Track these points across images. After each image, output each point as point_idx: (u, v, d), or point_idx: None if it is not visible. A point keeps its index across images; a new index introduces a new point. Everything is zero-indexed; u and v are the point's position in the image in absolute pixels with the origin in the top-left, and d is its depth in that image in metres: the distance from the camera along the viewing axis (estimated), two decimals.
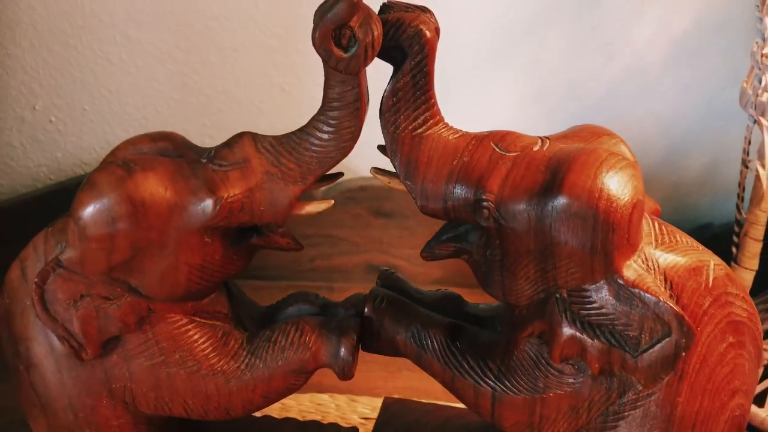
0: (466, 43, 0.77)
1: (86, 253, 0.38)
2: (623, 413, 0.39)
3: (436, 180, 0.37)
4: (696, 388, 0.38)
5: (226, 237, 0.39)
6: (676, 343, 0.35)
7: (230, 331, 0.43)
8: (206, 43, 0.78)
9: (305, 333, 0.42)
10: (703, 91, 0.80)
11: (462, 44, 0.77)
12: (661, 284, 0.36)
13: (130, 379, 0.40)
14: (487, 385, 0.41)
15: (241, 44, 0.78)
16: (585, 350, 0.37)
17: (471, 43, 0.77)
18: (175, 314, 0.40)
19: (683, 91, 0.80)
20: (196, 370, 0.41)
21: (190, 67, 0.79)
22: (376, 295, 0.44)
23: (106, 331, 0.39)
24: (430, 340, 0.42)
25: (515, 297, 0.39)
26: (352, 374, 0.42)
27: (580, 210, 0.35)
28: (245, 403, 0.42)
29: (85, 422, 0.41)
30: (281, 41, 0.78)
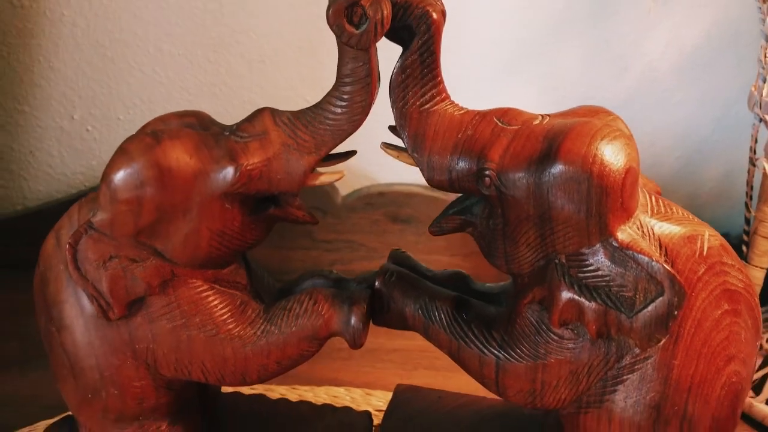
0: (483, 57, 0.80)
1: (116, 216, 0.41)
2: (621, 377, 0.40)
3: (442, 152, 0.40)
4: (691, 352, 0.39)
5: (245, 205, 0.42)
6: (669, 302, 0.37)
7: (248, 301, 0.45)
8: (235, 55, 0.82)
9: (318, 301, 0.44)
10: (716, 103, 0.81)
11: (479, 58, 0.80)
12: (656, 249, 0.38)
13: (153, 340, 0.43)
14: (491, 354, 0.42)
15: (268, 57, 0.82)
16: (583, 312, 0.38)
17: (488, 57, 0.80)
18: (197, 280, 0.43)
19: (696, 103, 0.81)
20: (214, 333, 0.43)
21: (219, 78, 0.83)
22: (387, 269, 0.46)
23: (132, 291, 0.41)
24: (437, 312, 0.44)
25: (517, 265, 0.41)
26: (362, 342, 0.44)
27: (574, 175, 0.37)
28: (260, 369, 0.44)
29: (110, 381, 0.44)
30: (306, 54, 0.82)
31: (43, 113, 0.86)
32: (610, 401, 0.40)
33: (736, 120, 0.81)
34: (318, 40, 0.81)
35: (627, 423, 0.40)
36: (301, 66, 0.82)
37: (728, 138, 0.83)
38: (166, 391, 0.46)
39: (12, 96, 0.87)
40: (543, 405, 0.42)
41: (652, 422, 0.40)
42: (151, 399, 0.45)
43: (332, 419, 0.55)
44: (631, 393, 0.40)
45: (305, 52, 0.82)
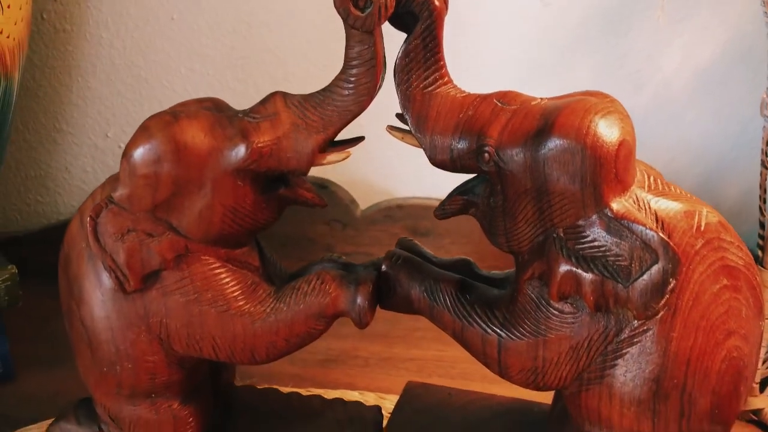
0: (498, 74, 0.82)
1: (134, 190, 0.43)
2: (621, 351, 0.40)
3: (444, 132, 0.41)
4: (690, 324, 0.39)
5: (256, 184, 0.44)
6: (664, 269, 0.37)
7: (259, 283, 0.47)
8: (261, 74, 0.86)
9: (326, 281, 0.45)
10: (732, 120, 0.82)
11: (494, 75, 0.82)
12: (652, 222, 0.39)
13: (166, 314, 0.45)
14: (494, 333, 0.43)
15: (292, 75, 0.85)
16: (580, 284, 0.39)
17: (503, 74, 0.83)
18: (210, 257, 0.45)
19: (713, 119, 0.82)
20: (225, 309, 0.45)
21: (246, 97, 0.86)
22: (394, 253, 0.47)
23: (148, 264, 0.43)
24: (441, 294, 0.45)
25: (517, 241, 0.42)
26: (367, 320, 0.45)
27: (569, 147, 0.38)
28: (269, 346, 0.46)
29: (125, 355, 0.45)
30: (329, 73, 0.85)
31: (79, 131, 0.90)
32: (610, 376, 0.41)
33: (754, 136, 0.81)
34: (340, 58, 0.84)
35: (627, 398, 0.40)
36: (325, 83, 0.86)
37: (747, 155, 0.83)
38: (178, 368, 0.47)
39: (52, 115, 0.92)
40: (545, 383, 0.43)
41: (651, 396, 0.40)
42: (163, 375, 0.47)
43: (342, 413, 0.56)
44: (631, 367, 0.40)
45: (328, 70, 0.85)
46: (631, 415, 0.41)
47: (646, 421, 0.41)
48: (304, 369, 0.76)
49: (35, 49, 0.86)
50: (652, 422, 0.40)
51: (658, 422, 0.40)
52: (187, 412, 0.49)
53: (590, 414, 0.42)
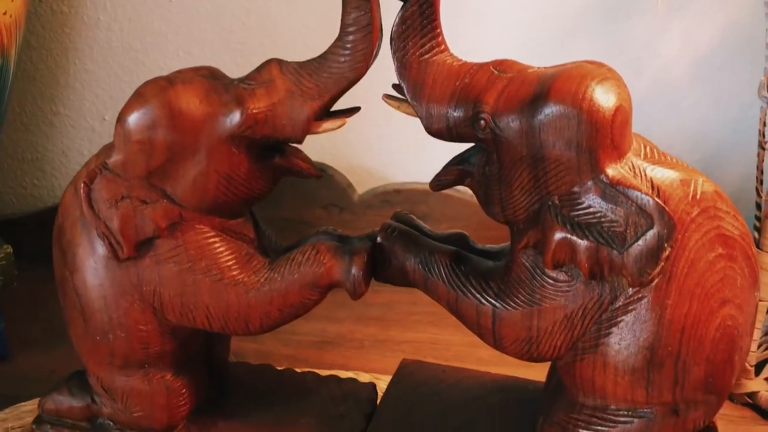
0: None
1: (129, 156, 0.43)
2: (615, 320, 0.40)
3: (440, 100, 0.41)
4: (684, 292, 0.39)
5: (251, 151, 0.44)
6: (659, 234, 0.37)
7: (254, 254, 0.46)
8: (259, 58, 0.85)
9: (321, 252, 0.45)
10: (732, 106, 0.82)
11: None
12: (648, 188, 0.38)
13: (160, 282, 0.44)
14: (488, 303, 0.43)
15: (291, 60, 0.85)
16: (575, 251, 0.39)
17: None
18: (205, 226, 0.45)
19: (712, 105, 0.82)
20: (219, 278, 0.44)
21: None
22: (389, 225, 0.47)
23: (142, 231, 0.43)
24: (436, 265, 0.45)
25: (513, 210, 0.42)
26: (362, 291, 0.45)
27: (565, 112, 0.38)
28: (262, 316, 0.45)
29: (117, 324, 0.45)
30: None
31: (76, 114, 0.90)
32: (604, 345, 0.40)
33: (753, 123, 0.81)
34: None
35: (621, 366, 0.40)
36: None
37: (745, 141, 0.82)
38: (171, 338, 0.47)
39: (49, 98, 0.91)
40: (539, 354, 0.42)
41: (646, 364, 0.40)
42: (156, 345, 0.46)
43: (337, 389, 0.56)
44: (625, 335, 0.40)
45: None
46: (625, 384, 0.40)
47: (640, 389, 0.40)
48: (298, 350, 0.76)
49: (32, 30, 0.86)
50: (646, 391, 0.40)
51: (651, 391, 0.40)
52: (180, 383, 0.49)
53: (584, 384, 0.42)
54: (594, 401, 0.42)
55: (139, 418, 0.49)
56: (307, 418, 0.52)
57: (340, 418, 0.52)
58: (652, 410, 0.41)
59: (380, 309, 0.85)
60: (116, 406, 0.49)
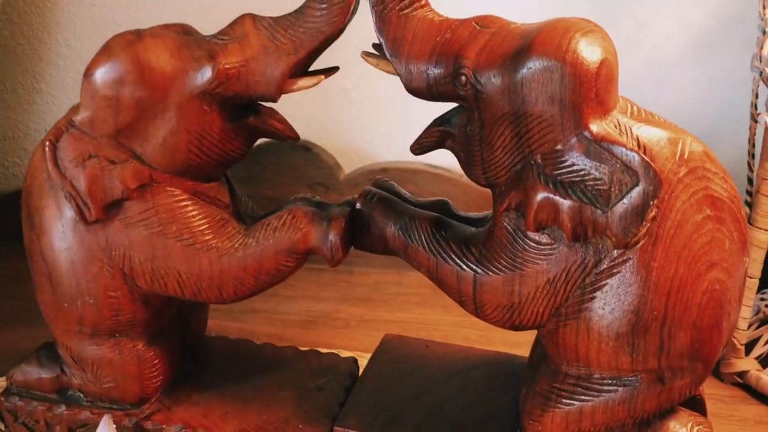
0: None
1: (96, 112, 0.41)
2: (599, 283, 0.38)
3: (420, 56, 0.40)
4: (671, 254, 0.37)
5: (224, 110, 0.42)
6: (644, 191, 0.36)
7: (229, 220, 0.45)
8: None
9: (297, 216, 0.44)
10: (724, 85, 0.80)
11: None
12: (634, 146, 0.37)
13: (129, 246, 0.43)
14: (469, 269, 0.41)
15: None
16: (558, 211, 0.37)
17: None
18: (176, 188, 0.43)
19: (704, 84, 0.80)
20: (191, 243, 0.43)
21: None
22: (369, 191, 0.46)
23: (110, 192, 0.42)
24: (416, 231, 0.43)
25: (494, 172, 0.40)
26: (339, 257, 0.44)
27: (548, 65, 0.36)
28: (236, 283, 0.44)
29: (86, 290, 0.44)
30: None
31: (58, 91, 0.88)
32: (588, 310, 0.39)
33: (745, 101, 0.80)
34: None
35: (605, 332, 0.39)
36: None
37: (738, 119, 0.81)
38: (143, 306, 0.45)
39: (31, 74, 0.90)
40: (521, 321, 0.41)
41: (630, 329, 0.38)
42: (127, 312, 0.45)
43: (317, 363, 0.54)
44: (610, 299, 0.38)
45: None
46: (609, 351, 0.39)
47: (624, 355, 0.39)
48: (282, 329, 0.74)
49: (13, 4, 0.84)
50: (631, 357, 0.39)
51: (636, 357, 0.39)
52: (152, 353, 0.47)
53: (567, 352, 0.41)
54: (578, 370, 0.41)
55: (110, 389, 0.47)
56: (285, 391, 0.51)
57: (318, 390, 0.51)
58: (636, 378, 0.40)
59: (366, 289, 0.83)
60: (86, 377, 0.47)
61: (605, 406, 0.40)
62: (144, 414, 0.48)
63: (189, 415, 0.48)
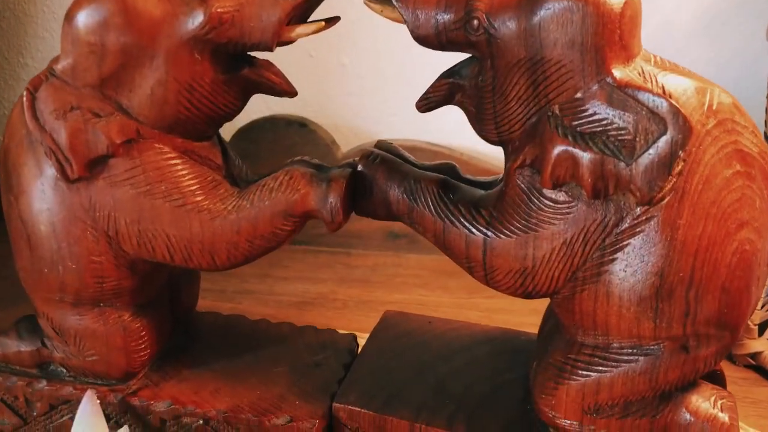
0: None
1: (78, 59, 0.38)
2: (621, 244, 0.36)
3: (428, 0, 0.37)
4: (699, 211, 0.35)
5: (216, 59, 0.39)
6: (672, 139, 0.33)
7: (221, 181, 0.42)
8: None
9: (295, 177, 0.41)
10: (734, 62, 0.78)
11: None
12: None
13: (115, 207, 0.40)
14: (478, 233, 0.39)
15: None
16: (577, 165, 0.35)
17: None
18: (165, 145, 0.40)
19: (713, 61, 0.78)
20: (180, 204, 0.40)
21: None
22: (371, 153, 0.43)
23: (94, 148, 0.39)
24: (422, 193, 0.41)
25: (508, 126, 0.37)
26: (340, 220, 0.41)
27: (568, 4, 0.34)
28: (230, 247, 0.41)
29: (68, 254, 0.41)
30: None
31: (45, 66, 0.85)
32: (607, 273, 0.36)
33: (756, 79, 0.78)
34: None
35: (626, 296, 0.36)
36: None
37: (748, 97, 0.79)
38: (129, 273, 0.42)
39: (16, 49, 0.86)
40: (535, 287, 0.38)
41: (654, 292, 0.36)
42: (112, 279, 0.42)
43: (314, 339, 0.52)
44: (632, 261, 0.36)
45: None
46: (630, 317, 0.36)
47: (647, 321, 0.36)
48: (277, 310, 0.71)
49: None
50: (654, 323, 0.36)
51: (660, 323, 0.36)
52: (139, 325, 0.44)
53: (584, 319, 0.38)
54: (595, 339, 0.38)
55: (94, 363, 0.44)
56: (280, 366, 0.48)
57: (316, 366, 0.48)
58: (659, 346, 0.37)
59: (364, 271, 0.81)
60: (69, 350, 0.44)
61: (625, 377, 0.38)
62: (130, 390, 0.45)
63: (178, 391, 0.45)
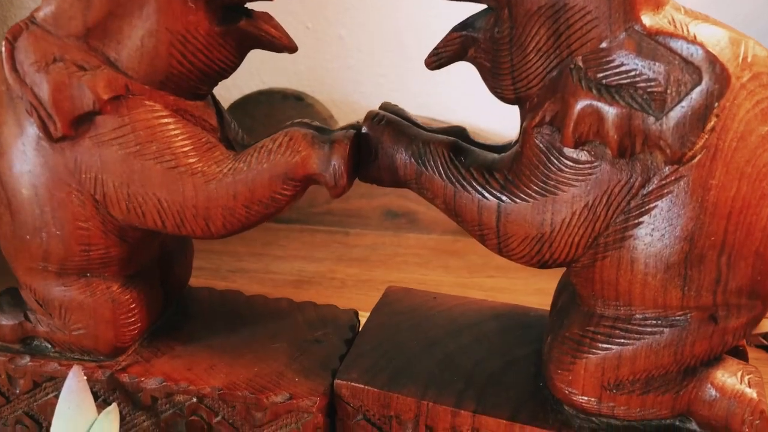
0: None
1: (62, 6, 0.35)
2: (647, 206, 0.33)
3: None
4: (732, 170, 0.32)
5: (211, 8, 0.36)
6: (708, 90, 0.31)
7: (216, 144, 0.39)
8: None
9: (295, 138, 0.38)
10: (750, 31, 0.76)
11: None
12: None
13: (102, 168, 0.37)
14: (492, 197, 0.36)
15: None
16: (602, 121, 0.32)
17: None
18: (156, 103, 0.37)
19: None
20: (173, 166, 0.37)
21: None
22: (375, 114, 0.40)
23: (79, 104, 0.36)
24: (432, 156, 0.38)
25: (526, 80, 0.35)
26: (343, 185, 0.38)
27: None
28: (225, 213, 0.38)
29: (51, 219, 0.38)
30: None
31: None
32: (632, 239, 0.34)
33: None
34: None
35: (652, 263, 0.34)
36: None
37: None
38: (118, 240, 0.40)
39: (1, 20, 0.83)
40: (552, 255, 0.36)
41: (683, 258, 0.33)
42: (99, 247, 0.39)
43: (314, 314, 0.49)
44: (659, 224, 0.33)
45: None
46: (656, 285, 0.34)
47: (675, 290, 0.34)
48: (273, 289, 0.69)
49: None
50: (682, 291, 0.34)
51: (688, 291, 0.34)
52: (129, 297, 0.42)
53: (605, 289, 0.36)
54: (616, 310, 0.36)
55: (81, 337, 0.42)
56: (278, 342, 0.45)
57: (316, 342, 0.46)
58: (686, 317, 0.35)
59: (363, 250, 0.78)
60: (53, 323, 0.42)
61: (648, 350, 0.35)
62: (119, 366, 0.42)
63: (171, 368, 0.43)
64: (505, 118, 0.64)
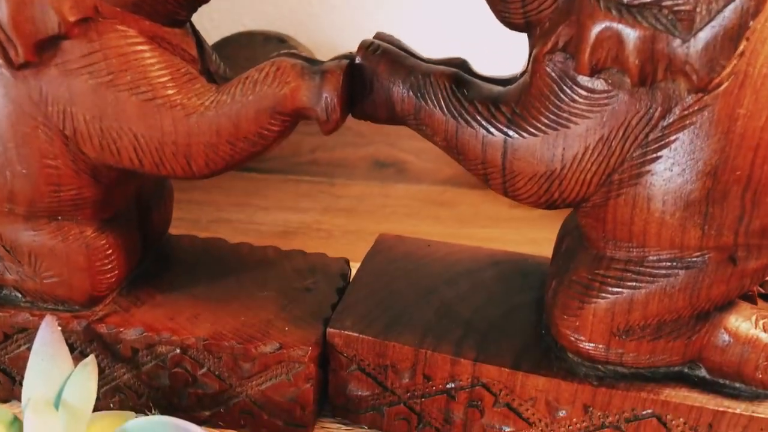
0: None
1: None
2: (667, 139, 0.31)
3: None
4: (762, 98, 0.30)
5: None
6: (743, 7, 0.28)
7: (197, 77, 0.36)
8: None
9: (283, 69, 0.35)
10: None
11: None
12: None
13: (71, 100, 0.34)
14: (498, 132, 0.34)
15: None
16: (622, 45, 0.30)
17: None
18: (130, 28, 0.34)
19: None
20: (150, 98, 0.34)
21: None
22: (370, 43, 0.37)
23: (42, 26, 0.32)
24: (432, 89, 0.35)
25: (537, 2, 0.32)
26: (336, 119, 0.35)
27: None
28: (208, 150, 0.35)
29: (15, 156, 0.35)
30: None
31: None
32: (650, 174, 0.32)
33: None
34: None
35: (671, 200, 0.32)
36: None
37: None
38: (91, 181, 0.37)
39: None
40: (562, 194, 0.34)
41: (705, 194, 0.31)
42: (71, 188, 0.36)
43: (303, 262, 0.47)
44: (680, 158, 0.31)
45: None
46: (674, 224, 0.32)
47: (694, 229, 0.32)
48: (257, 239, 0.66)
49: None
50: (702, 230, 0.32)
51: (708, 230, 0.32)
52: (104, 242, 0.39)
53: (618, 230, 0.33)
54: (628, 252, 0.34)
55: (53, 285, 0.39)
56: (266, 291, 0.43)
57: (307, 291, 0.43)
58: (703, 258, 0.33)
59: (350, 201, 0.76)
60: (23, 271, 0.39)
61: (662, 293, 0.34)
62: (96, 316, 0.40)
63: (152, 318, 0.40)
64: (497, 63, 0.61)
